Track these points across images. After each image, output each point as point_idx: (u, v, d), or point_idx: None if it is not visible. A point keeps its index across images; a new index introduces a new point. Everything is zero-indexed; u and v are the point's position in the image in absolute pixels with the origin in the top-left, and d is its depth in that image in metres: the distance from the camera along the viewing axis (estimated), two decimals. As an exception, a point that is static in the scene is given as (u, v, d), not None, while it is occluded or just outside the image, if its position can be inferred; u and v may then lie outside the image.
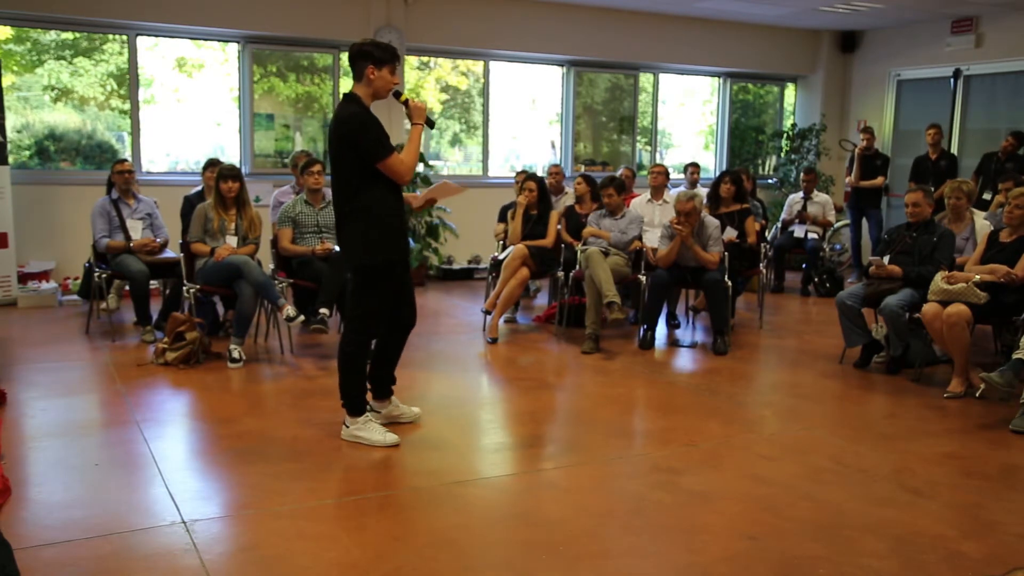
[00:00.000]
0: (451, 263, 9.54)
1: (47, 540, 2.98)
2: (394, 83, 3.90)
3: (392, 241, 3.92)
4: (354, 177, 3.82)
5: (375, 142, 3.78)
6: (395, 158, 3.82)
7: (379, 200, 3.86)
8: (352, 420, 4.09)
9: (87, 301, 6.81)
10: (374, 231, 3.86)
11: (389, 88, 3.89)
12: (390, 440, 4.03)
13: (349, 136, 3.79)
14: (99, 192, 6.67)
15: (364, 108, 3.86)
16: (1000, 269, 5.07)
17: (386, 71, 3.83)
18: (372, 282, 3.93)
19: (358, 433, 4.05)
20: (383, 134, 3.84)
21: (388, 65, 3.83)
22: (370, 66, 3.82)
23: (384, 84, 3.86)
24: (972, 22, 9.89)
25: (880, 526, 3.25)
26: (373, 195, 3.84)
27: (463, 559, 2.94)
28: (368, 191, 3.83)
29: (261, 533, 3.10)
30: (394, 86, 3.92)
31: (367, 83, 3.85)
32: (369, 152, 3.77)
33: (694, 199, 6.10)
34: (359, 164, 3.80)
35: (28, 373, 5.25)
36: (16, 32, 8.11)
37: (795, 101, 11.90)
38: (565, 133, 10.49)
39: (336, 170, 3.89)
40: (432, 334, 6.67)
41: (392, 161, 3.80)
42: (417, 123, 3.97)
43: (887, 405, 5.04)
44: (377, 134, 3.80)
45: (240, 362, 5.47)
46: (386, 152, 3.79)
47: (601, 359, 5.92)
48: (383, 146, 3.80)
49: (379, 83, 3.85)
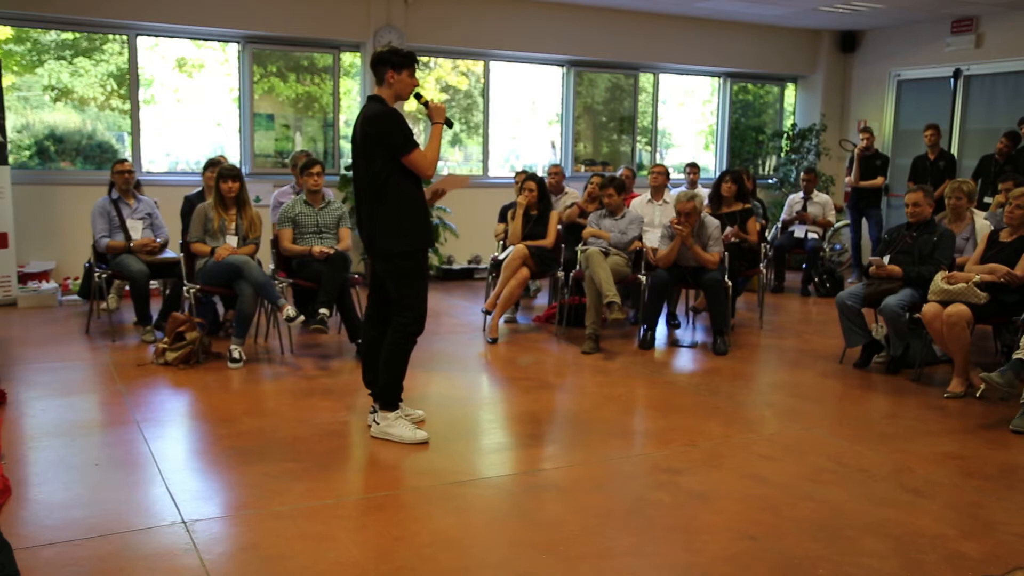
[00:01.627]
0: (451, 263, 9.54)
1: (47, 540, 2.98)
2: (414, 85, 4.10)
3: (424, 229, 4.13)
4: (384, 170, 4.00)
5: (402, 136, 3.97)
6: (419, 152, 4.00)
7: (409, 191, 4.05)
8: (384, 415, 4.18)
9: (87, 301, 6.81)
10: (407, 220, 4.04)
11: (409, 90, 4.09)
12: (420, 437, 4.12)
13: (379, 131, 3.97)
14: (99, 192, 6.67)
15: (391, 107, 4.06)
16: (1000, 269, 5.07)
17: (405, 74, 4.04)
18: (407, 270, 4.09)
19: (389, 430, 4.14)
20: (408, 130, 4.02)
21: (407, 68, 4.04)
22: (389, 71, 4.03)
23: (404, 86, 4.06)
24: (972, 22, 9.88)
25: (880, 526, 3.25)
26: (404, 186, 4.03)
27: (463, 559, 2.94)
28: (399, 182, 4.01)
29: (261, 533, 3.10)
30: (414, 88, 4.11)
31: (388, 86, 4.06)
32: (397, 146, 3.96)
33: (694, 199, 6.10)
34: (390, 157, 3.98)
35: (28, 373, 5.25)
36: (16, 32, 8.11)
37: (795, 101, 11.90)
38: (565, 133, 10.48)
39: (364, 166, 4.05)
40: (432, 334, 6.67)
41: (416, 156, 3.99)
42: (438, 122, 4.16)
43: (887, 405, 5.04)
44: (404, 129, 3.99)
45: (240, 362, 5.47)
46: (411, 146, 3.98)
47: (601, 359, 5.92)
48: (409, 141, 3.98)
49: (399, 86, 4.05)
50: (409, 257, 4.09)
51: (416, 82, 4.11)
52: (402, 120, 4.01)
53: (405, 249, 4.06)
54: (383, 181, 4.00)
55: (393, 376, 4.21)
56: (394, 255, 4.07)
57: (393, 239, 4.05)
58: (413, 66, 4.06)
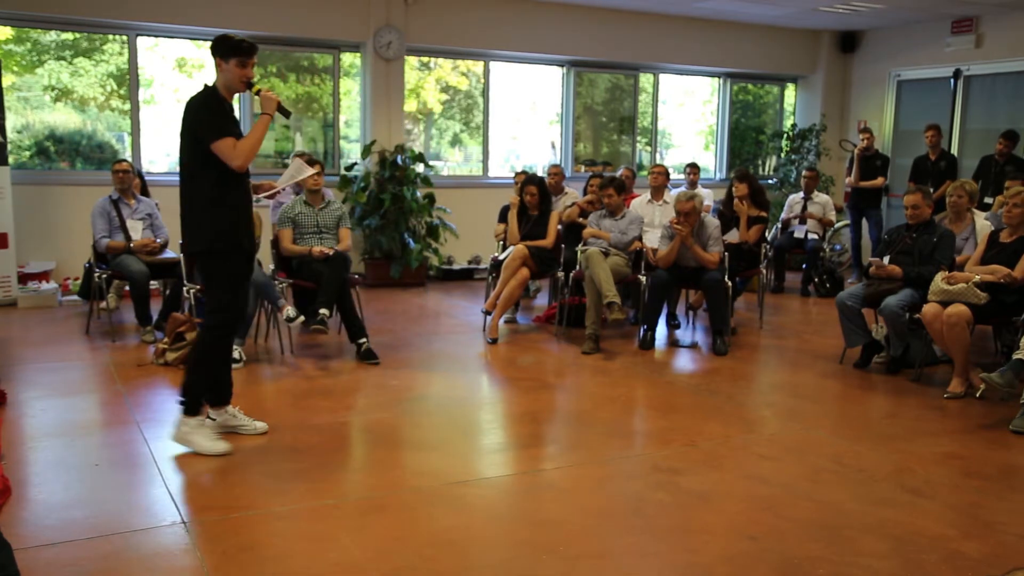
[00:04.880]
0: (451, 263, 9.54)
1: (47, 540, 2.98)
2: (245, 76, 3.86)
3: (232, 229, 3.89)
4: (194, 162, 3.82)
5: (210, 124, 3.77)
6: (228, 141, 3.76)
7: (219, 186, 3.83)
8: (186, 420, 3.94)
9: (87, 301, 6.81)
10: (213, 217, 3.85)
11: (239, 80, 3.86)
12: (220, 448, 3.89)
13: (189, 119, 3.81)
14: (99, 192, 6.67)
15: (213, 93, 3.86)
16: (1000, 270, 5.07)
17: (232, 63, 3.83)
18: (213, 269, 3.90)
19: (189, 437, 3.91)
20: (223, 119, 3.81)
21: (235, 58, 3.83)
22: (218, 59, 3.86)
23: (233, 76, 3.85)
24: (972, 22, 9.88)
25: (880, 526, 3.25)
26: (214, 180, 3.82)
27: (463, 559, 2.94)
28: (208, 176, 3.81)
29: (261, 533, 3.10)
30: (246, 79, 3.87)
31: (220, 75, 3.88)
32: (204, 134, 3.77)
33: (694, 199, 6.11)
34: (200, 149, 3.78)
35: (28, 373, 5.25)
36: (16, 32, 8.11)
37: (795, 101, 11.90)
38: (565, 133, 10.48)
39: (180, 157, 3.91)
40: (432, 334, 6.67)
41: (223, 144, 3.75)
42: (266, 113, 3.94)
43: (887, 405, 5.04)
44: (215, 118, 3.78)
45: (240, 362, 5.47)
46: (220, 135, 3.75)
47: (601, 359, 5.92)
48: (217, 129, 3.76)
49: (228, 75, 3.85)
50: (214, 256, 3.88)
51: (247, 74, 3.86)
52: (218, 108, 3.81)
53: (207, 248, 3.87)
54: (190, 174, 3.85)
55: (197, 377, 3.96)
56: (198, 252, 3.91)
57: (196, 236, 3.88)
58: (243, 56, 3.83)
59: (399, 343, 6.23)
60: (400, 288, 8.71)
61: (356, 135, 9.38)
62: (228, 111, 3.88)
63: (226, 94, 3.90)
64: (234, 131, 3.83)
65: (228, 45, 3.85)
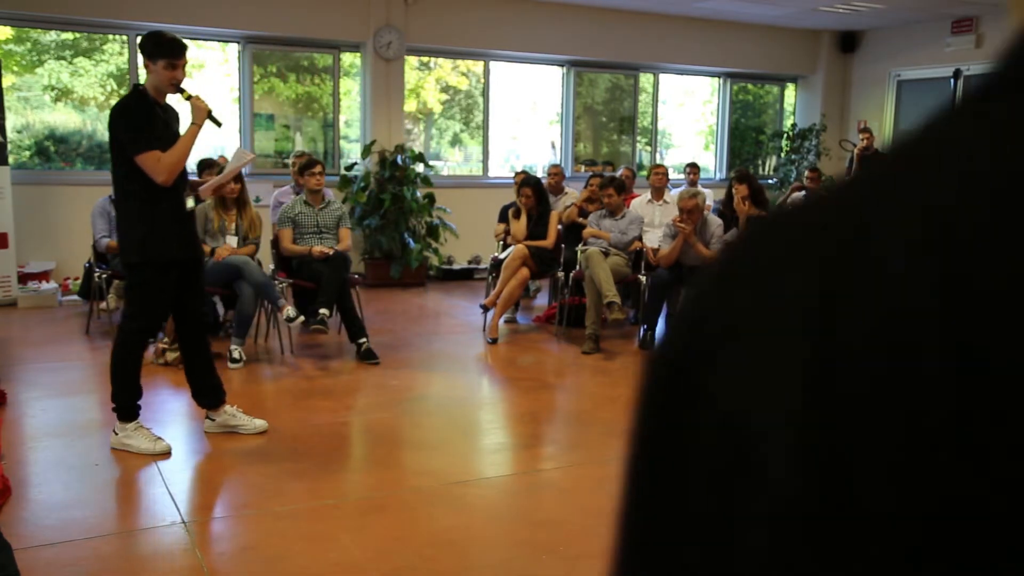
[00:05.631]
0: (451, 263, 9.54)
1: (47, 540, 2.98)
2: (173, 78, 3.69)
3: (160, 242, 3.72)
4: (119, 170, 3.68)
5: (133, 134, 3.60)
6: (151, 155, 3.58)
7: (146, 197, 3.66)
8: (121, 426, 3.85)
9: (87, 301, 6.81)
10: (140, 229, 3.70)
11: (167, 82, 3.69)
12: (161, 448, 3.81)
13: (112, 125, 3.67)
14: (99, 192, 6.67)
15: (138, 98, 3.70)
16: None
17: (160, 65, 3.65)
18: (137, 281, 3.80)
19: (127, 441, 3.83)
20: (143, 128, 3.62)
21: (162, 59, 3.65)
22: (145, 59, 3.70)
23: (160, 78, 3.68)
24: (972, 22, 9.89)
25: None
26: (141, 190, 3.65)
27: (463, 559, 2.94)
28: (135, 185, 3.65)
29: (261, 533, 3.10)
30: (174, 81, 3.71)
31: (148, 76, 3.72)
32: (125, 144, 3.60)
33: (696, 196, 6.11)
34: (124, 156, 3.63)
35: (28, 373, 5.25)
36: (16, 32, 8.11)
37: (795, 101, 11.90)
38: (565, 133, 10.48)
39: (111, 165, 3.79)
40: (432, 334, 6.67)
41: (147, 158, 3.57)
42: (195, 123, 3.80)
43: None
44: (137, 126, 3.60)
45: (240, 362, 5.47)
46: (143, 147, 3.58)
47: (601, 359, 5.92)
48: (141, 139, 3.59)
49: (155, 77, 3.69)
50: (140, 269, 3.72)
51: (176, 76, 3.68)
52: (140, 115, 3.61)
53: (135, 260, 3.71)
54: (117, 182, 3.70)
55: (121, 383, 3.83)
56: (126, 264, 3.77)
57: (125, 246, 3.74)
58: (171, 57, 3.64)
59: (399, 343, 6.23)
60: (400, 288, 8.71)
61: (356, 135, 9.39)
62: (154, 116, 3.68)
63: (157, 96, 3.73)
64: (158, 141, 3.62)
65: (155, 43, 3.68)
